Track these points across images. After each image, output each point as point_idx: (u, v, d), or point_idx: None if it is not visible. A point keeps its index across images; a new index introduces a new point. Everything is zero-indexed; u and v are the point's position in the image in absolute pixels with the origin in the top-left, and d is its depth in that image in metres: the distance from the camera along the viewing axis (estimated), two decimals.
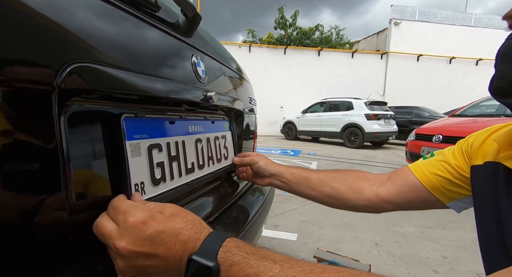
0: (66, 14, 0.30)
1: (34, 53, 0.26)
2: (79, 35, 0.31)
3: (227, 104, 0.75)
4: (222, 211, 0.67)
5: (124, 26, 0.40)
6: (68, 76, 0.29)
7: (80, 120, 0.33)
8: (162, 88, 0.45)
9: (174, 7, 0.54)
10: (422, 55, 11.50)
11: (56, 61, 0.28)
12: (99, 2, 0.36)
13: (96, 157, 0.36)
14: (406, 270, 1.47)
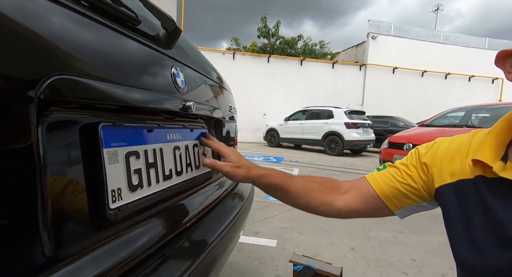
0: (47, 28, 0.32)
1: (15, 66, 0.28)
2: (59, 48, 0.33)
3: (206, 113, 0.77)
4: (200, 216, 0.68)
5: (105, 39, 0.42)
6: (48, 88, 0.31)
7: (58, 128, 0.35)
8: (140, 98, 0.48)
9: (155, 21, 0.57)
10: (397, 68, 12.16)
11: (36, 73, 0.30)
12: (81, 17, 0.38)
13: (73, 164, 0.37)
14: (379, 273, 1.54)
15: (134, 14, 0.49)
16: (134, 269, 0.43)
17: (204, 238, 0.64)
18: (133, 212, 0.46)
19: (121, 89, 0.43)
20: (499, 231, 0.40)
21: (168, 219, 0.56)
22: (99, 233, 0.40)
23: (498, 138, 0.44)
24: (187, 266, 0.51)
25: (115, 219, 0.42)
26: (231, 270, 1.53)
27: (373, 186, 0.54)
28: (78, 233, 0.37)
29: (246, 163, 0.63)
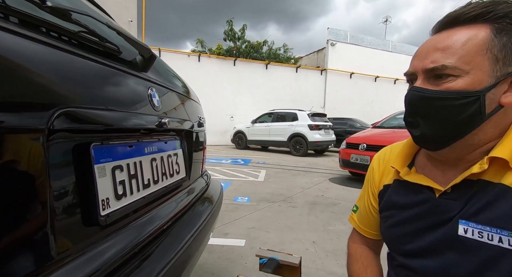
0: (50, 71, 0.40)
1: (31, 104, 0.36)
2: (60, 86, 0.41)
3: (178, 126, 0.86)
4: (174, 220, 0.77)
5: (95, 72, 0.49)
6: (56, 120, 0.38)
7: (60, 150, 0.42)
8: (124, 119, 0.55)
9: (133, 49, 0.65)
10: (354, 73, 13.16)
11: (47, 109, 0.37)
12: (75, 57, 0.45)
13: (71, 179, 0.44)
14: (335, 261, 1.74)
15: (116, 47, 0.56)
16: (122, 266, 0.51)
17: (178, 239, 0.73)
18: (119, 218, 0.54)
19: (108, 113, 0.51)
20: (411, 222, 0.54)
21: (148, 222, 0.64)
22: (92, 236, 0.47)
23: (408, 149, 0.59)
24: (165, 263, 0.59)
25: (105, 224, 0.49)
26: (201, 270, 1.60)
27: (370, 237, 0.68)
28: (77, 237, 0.44)
29: None
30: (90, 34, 0.48)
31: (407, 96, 0.48)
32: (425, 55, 0.45)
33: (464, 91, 0.42)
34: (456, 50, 0.42)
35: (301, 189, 3.72)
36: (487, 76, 0.42)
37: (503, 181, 0.42)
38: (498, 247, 0.41)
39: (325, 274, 1.60)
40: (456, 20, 0.44)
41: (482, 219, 0.43)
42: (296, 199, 3.22)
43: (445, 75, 0.43)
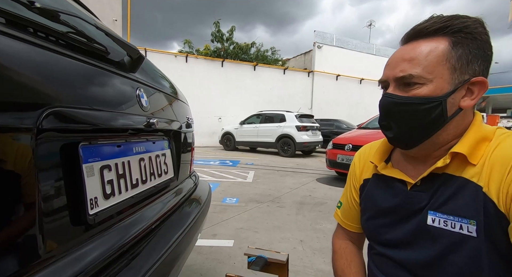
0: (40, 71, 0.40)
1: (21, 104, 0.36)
2: (49, 86, 0.41)
3: (166, 126, 0.87)
4: (162, 219, 0.77)
5: (83, 72, 0.50)
6: (45, 119, 0.39)
7: (48, 150, 0.42)
8: (112, 119, 0.56)
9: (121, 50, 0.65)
10: (340, 75, 13.45)
11: (36, 108, 0.38)
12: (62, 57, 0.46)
13: (59, 178, 0.44)
14: (322, 259, 1.78)
15: (104, 47, 0.57)
16: (111, 264, 0.51)
17: (167, 239, 0.73)
18: (108, 217, 0.54)
19: (96, 113, 0.51)
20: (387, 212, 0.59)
21: (137, 222, 0.65)
22: (81, 235, 0.47)
23: (385, 146, 0.64)
24: (153, 262, 0.60)
25: (94, 223, 0.50)
26: (190, 271, 1.60)
27: (353, 230, 0.72)
28: (66, 235, 0.44)
29: None
30: (79, 35, 0.48)
31: (380, 102, 0.54)
32: (395, 65, 0.51)
33: (429, 97, 0.48)
34: (420, 61, 0.48)
35: (289, 189, 3.77)
36: (447, 84, 0.47)
37: (463, 175, 0.48)
38: (459, 234, 0.46)
39: (312, 272, 1.63)
40: (420, 33, 0.50)
41: (446, 209, 0.48)
42: (284, 199, 3.26)
43: (412, 83, 0.48)
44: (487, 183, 0.45)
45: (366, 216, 0.64)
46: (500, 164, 0.45)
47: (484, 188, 0.45)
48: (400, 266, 0.55)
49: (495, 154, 0.46)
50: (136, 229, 0.64)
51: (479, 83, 0.49)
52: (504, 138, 0.48)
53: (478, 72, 0.48)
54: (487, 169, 0.46)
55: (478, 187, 0.46)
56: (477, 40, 0.47)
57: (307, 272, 1.62)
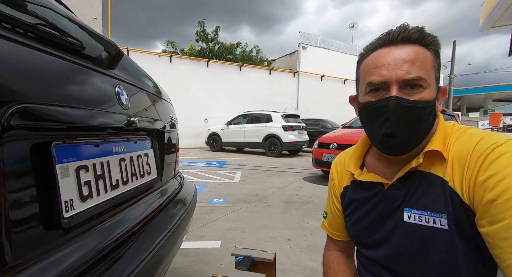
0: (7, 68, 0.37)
1: None
2: (15, 80, 0.38)
3: (149, 125, 0.84)
4: (146, 222, 0.75)
5: (54, 67, 0.47)
6: (11, 116, 0.36)
7: (16, 148, 0.39)
8: (87, 117, 0.53)
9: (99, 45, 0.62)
10: (325, 76, 13.69)
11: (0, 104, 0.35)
12: (32, 50, 0.43)
13: (29, 179, 0.41)
14: (310, 257, 1.80)
15: (79, 42, 0.54)
16: (90, 269, 0.48)
17: (150, 241, 0.71)
18: (86, 219, 0.51)
19: (71, 111, 0.48)
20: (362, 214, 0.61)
21: (118, 224, 0.62)
22: (56, 239, 0.45)
23: (358, 152, 0.66)
24: (135, 266, 0.58)
25: (69, 226, 0.47)
26: (176, 275, 1.57)
27: (340, 239, 0.73)
28: (38, 240, 0.41)
29: None
30: (49, 27, 0.45)
31: (389, 105, 0.49)
32: (395, 65, 0.48)
33: (429, 100, 0.49)
34: (422, 65, 0.48)
35: (276, 188, 3.78)
36: (435, 89, 0.51)
37: (432, 171, 0.51)
38: (433, 227, 0.49)
39: (299, 269, 1.64)
40: (408, 38, 0.50)
41: (420, 205, 0.51)
42: (272, 199, 3.27)
43: (418, 85, 0.48)
44: (452, 178, 0.48)
45: (350, 222, 0.65)
46: (459, 160, 0.48)
47: (450, 182, 0.48)
48: (383, 267, 0.57)
49: (454, 150, 0.49)
50: (117, 231, 0.61)
51: (443, 91, 0.54)
52: (460, 134, 0.51)
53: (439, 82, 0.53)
54: (450, 164, 0.49)
55: (445, 181, 0.48)
56: (438, 53, 0.51)
57: (294, 270, 1.63)
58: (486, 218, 0.43)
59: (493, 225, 0.41)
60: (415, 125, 0.50)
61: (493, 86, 20.79)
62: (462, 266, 0.47)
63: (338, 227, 0.72)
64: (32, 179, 0.42)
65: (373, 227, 0.59)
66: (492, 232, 0.42)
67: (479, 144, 0.46)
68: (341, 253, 0.74)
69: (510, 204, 0.40)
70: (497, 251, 0.41)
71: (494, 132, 0.49)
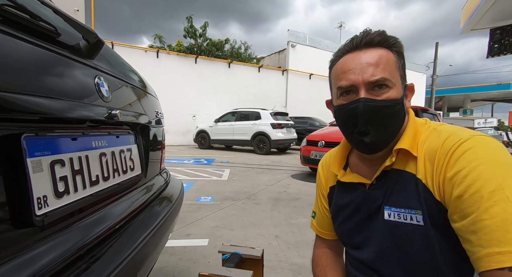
0: None
1: None
2: None
3: (132, 119, 0.80)
4: (129, 219, 0.72)
5: (24, 53, 0.44)
6: None
7: None
8: (62, 108, 0.50)
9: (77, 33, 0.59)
10: (313, 74, 13.81)
11: None
12: None
13: None
14: (297, 253, 1.81)
15: (53, 27, 0.50)
16: (67, 268, 0.46)
17: (132, 239, 0.68)
18: (62, 217, 0.48)
19: (43, 100, 0.45)
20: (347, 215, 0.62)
21: (98, 222, 0.59)
22: (27, 238, 0.42)
23: (341, 153, 0.67)
24: (116, 265, 0.55)
25: (42, 224, 0.44)
26: (162, 274, 1.53)
27: (329, 238, 0.73)
28: (6, 239, 0.38)
29: None
30: (18, 9, 0.42)
31: (356, 108, 0.52)
32: (360, 69, 0.51)
33: (396, 99, 0.51)
34: (385, 66, 0.51)
35: (265, 186, 3.78)
36: (401, 88, 0.53)
37: (406, 169, 0.52)
38: (410, 224, 0.50)
39: (287, 266, 1.65)
40: (370, 42, 0.53)
41: (398, 203, 0.52)
42: (260, 196, 3.27)
43: (383, 86, 0.51)
44: (424, 175, 0.49)
45: (337, 223, 0.66)
46: (429, 157, 0.49)
47: (423, 179, 0.49)
48: (369, 267, 0.58)
49: (425, 147, 0.51)
50: (98, 229, 0.58)
51: (411, 88, 0.56)
52: (430, 132, 0.53)
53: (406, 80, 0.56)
54: (421, 162, 0.50)
55: (418, 179, 0.50)
56: (401, 53, 0.54)
57: (282, 266, 1.63)
58: (456, 213, 0.44)
59: (463, 220, 0.42)
60: (386, 123, 0.52)
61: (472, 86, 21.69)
62: (441, 261, 0.48)
63: (326, 226, 0.73)
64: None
65: (358, 228, 0.60)
66: (462, 226, 0.43)
67: (446, 141, 0.48)
68: (329, 251, 0.75)
69: (475, 198, 0.41)
70: (468, 245, 0.43)
71: (463, 128, 0.51)
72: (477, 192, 0.41)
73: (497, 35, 5.15)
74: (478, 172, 0.42)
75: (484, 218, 0.39)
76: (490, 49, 5.28)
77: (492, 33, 5.23)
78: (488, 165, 0.42)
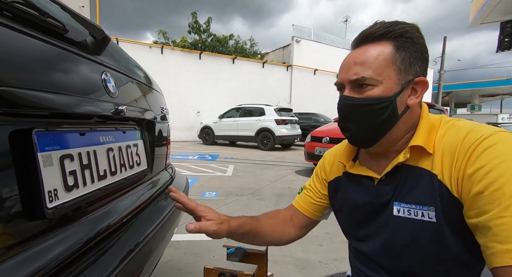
0: None
1: None
2: None
3: (138, 115, 0.81)
4: (135, 213, 0.73)
5: (34, 49, 0.44)
6: None
7: None
8: (71, 104, 0.51)
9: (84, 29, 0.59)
10: (318, 70, 13.68)
11: None
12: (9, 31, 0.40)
13: (8, 168, 0.39)
14: (301, 248, 1.82)
15: (61, 24, 0.51)
16: (76, 260, 0.47)
17: (139, 233, 0.70)
18: (72, 210, 0.49)
19: (53, 96, 0.46)
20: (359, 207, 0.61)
21: (106, 215, 0.60)
22: (39, 230, 0.43)
23: (350, 145, 0.65)
24: (123, 257, 0.57)
25: (53, 217, 0.45)
26: (167, 267, 1.56)
27: (303, 212, 0.73)
28: (18, 231, 0.40)
29: (222, 216, 0.64)
30: (27, 6, 0.42)
31: (338, 104, 0.56)
32: (348, 68, 0.53)
33: (381, 97, 0.51)
34: (371, 64, 0.50)
35: (269, 182, 3.80)
36: (395, 84, 0.51)
37: (420, 165, 0.52)
38: (421, 220, 0.50)
39: (291, 260, 1.66)
40: (367, 38, 0.52)
41: (409, 199, 0.52)
42: (264, 192, 3.28)
43: (365, 84, 0.51)
44: (441, 171, 0.48)
45: (342, 214, 0.66)
46: (448, 153, 0.48)
47: (438, 175, 0.48)
48: (372, 259, 0.58)
49: (443, 143, 0.50)
50: (105, 223, 0.60)
51: (421, 83, 0.53)
52: (449, 127, 0.52)
53: (420, 73, 0.52)
54: (438, 158, 0.49)
55: (433, 175, 0.49)
56: (415, 44, 0.51)
57: (286, 261, 1.65)
58: (473, 210, 0.43)
59: (480, 216, 0.42)
60: (368, 120, 0.52)
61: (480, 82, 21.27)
62: (450, 257, 0.48)
63: (308, 204, 0.73)
64: (12, 167, 0.40)
65: (364, 221, 0.60)
66: (479, 222, 0.42)
67: (467, 137, 0.47)
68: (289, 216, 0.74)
69: (496, 195, 0.40)
70: (483, 240, 0.42)
71: (482, 123, 0.50)
72: (499, 190, 0.40)
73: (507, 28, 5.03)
74: (501, 170, 0.41)
75: (505, 215, 0.39)
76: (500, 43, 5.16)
77: (503, 27, 5.11)
78: None
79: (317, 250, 1.80)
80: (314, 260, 1.68)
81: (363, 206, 0.59)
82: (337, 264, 1.63)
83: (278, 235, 0.72)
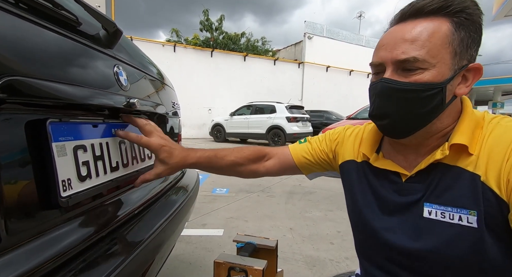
0: None
1: None
2: (7, 52, 0.37)
3: (150, 109, 0.82)
4: (147, 205, 0.74)
5: (49, 41, 0.45)
6: (1, 89, 0.34)
7: (9, 125, 0.38)
8: (84, 95, 0.51)
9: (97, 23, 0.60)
10: (330, 67, 13.47)
11: None
12: (25, 22, 0.41)
13: (24, 157, 0.40)
14: (312, 246, 1.80)
15: (74, 17, 0.52)
16: (88, 249, 0.48)
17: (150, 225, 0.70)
18: (84, 200, 0.50)
19: (66, 87, 0.47)
20: (381, 202, 0.55)
21: (118, 206, 0.61)
22: (53, 218, 0.44)
23: (375, 136, 0.60)
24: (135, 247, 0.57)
25: (67, 206, 0.46)
26: (178, 261, 1.59)
27: (293, 157, 0.70)
28: (33, 219, 0.41)
29: (177, 146, 0.67)
30: None
31: (375, 88, 0.48)
32: (393, 46, 0.45)
33: (431, 83, 0.44)
34: (424, 43, 0.43)
35: (279, 179, 3.78)
36: (448, 69, 0.44)
37: (459, 164, 0.46)
38: (458, 225, 0.44)
39: (301, 258, 1.65)
40: (419, 11, 0.45)
41: (443, 200, 0.46)
42: (274, 189, 3.27)
43: (414, 67, 0.43)
44: (485, 172, 0.43)
45: (358, 204, 0.60)
46: (496, 153, 0.43)
47: (482, 177, 0.43)
48: (390, 249, 0.53)
49: (490, 142, 0.44)
50: (118, 213, 0.61)
51: (475, 70, 0.46)
52: (495, 125, 0.46)
53: (474, 58, 0.46)
54: (483, 158, 0.44)
55: (476, 176, 0.44)
56: (475, 23, 0.44)
57: (296, 258, 1.64)
58: None
59: None
60: (411, 108, 0.46)
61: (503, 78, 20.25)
62: (489, 266, 0.44)
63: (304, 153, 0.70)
64: (27, 156, 0.41)
65: (384, 214, 0.54)
66: None
67: None
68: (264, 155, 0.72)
69: None
70: None
71: None
72: None
73: None
74: None
75: None
76: None
77: None
78: None
79: (328, 248, 1.78)
80: (325, 258, 1.66)
81: (386, 201, 0.54)
82: (349, 262, 1.61)
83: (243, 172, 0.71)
